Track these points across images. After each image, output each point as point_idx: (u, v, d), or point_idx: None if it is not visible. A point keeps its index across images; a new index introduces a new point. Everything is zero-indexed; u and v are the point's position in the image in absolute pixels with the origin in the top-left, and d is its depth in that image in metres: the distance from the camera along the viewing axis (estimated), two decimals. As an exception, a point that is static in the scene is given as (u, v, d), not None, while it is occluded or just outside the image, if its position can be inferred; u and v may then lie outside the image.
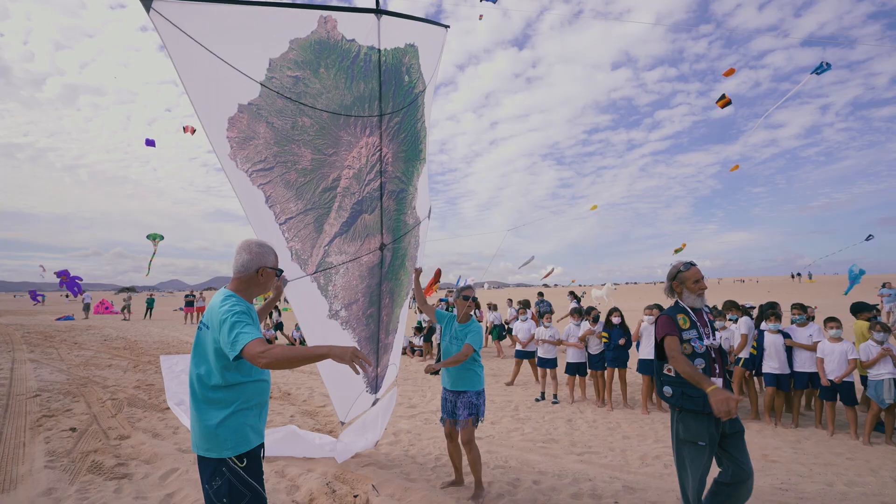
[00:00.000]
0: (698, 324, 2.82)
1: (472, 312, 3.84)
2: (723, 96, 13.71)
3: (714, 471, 2.80)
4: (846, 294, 14.64)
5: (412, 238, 4.32)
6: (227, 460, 1.97)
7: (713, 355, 2.79)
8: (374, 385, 4.38)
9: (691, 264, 2.93)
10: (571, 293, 12.15)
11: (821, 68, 12.67)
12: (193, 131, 19.25)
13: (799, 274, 55.33)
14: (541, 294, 12.23)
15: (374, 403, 4.44)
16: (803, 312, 5.70)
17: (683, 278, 2.91)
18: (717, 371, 2.78)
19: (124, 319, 23.27)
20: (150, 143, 19.00)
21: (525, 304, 9.86)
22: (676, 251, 26.61)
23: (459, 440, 3.59)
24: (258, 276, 2.12)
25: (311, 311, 3.54)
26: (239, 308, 1.94)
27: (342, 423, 4.16)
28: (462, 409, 3.57)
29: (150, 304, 25.77)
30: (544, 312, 7.65)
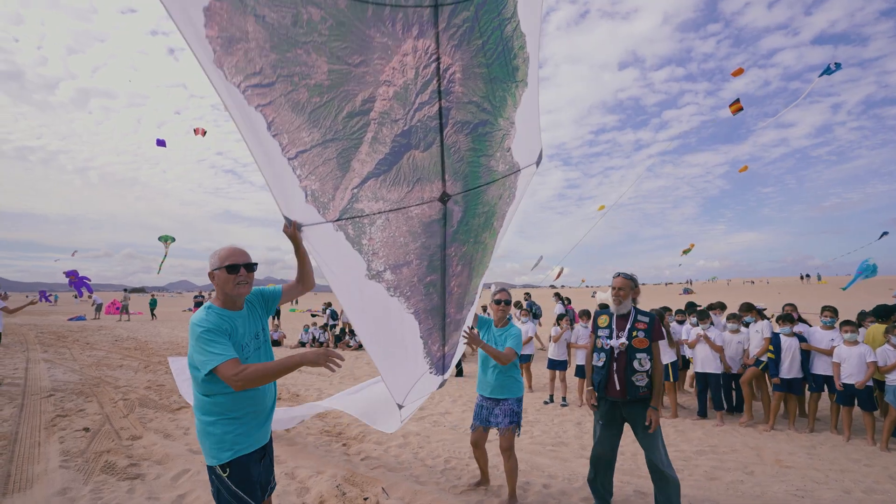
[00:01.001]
0: (614, 326, 3.35)
1: (508, 316, 3.76)
2: (736, 100, 13.59)
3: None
4: (845, 289, 14.18)
5: (505, 190, 3.25)
6: (214, 468, 1.98)
7: (615, 354, 3.27)
8: (441, 366, 3.68)
9: (617, 275, 3.39)
10: (557, 294, 12.03)
11: (829, 70, 12.46)
12: (204, 133, 19.42)
13: (808, 275, 54.72)
14: (528, 295, 12.12)
15: (440, 385, 3.86)
16: (835, 316, 5.57)
17: (611, 288, 3.43)
18: (615, 367, 3.25)
19: (119, 320, 23.44)
20: (160, 143, 19.24)
21: (516, 305, 9.82)
22: (685, 252, 26.34)
23: (499, 447, 3.51)
24: (214, 280, 2.11)
25: (339, 265, 2.65)
26: (207, 324, 1.93)
27: (399, 407, 3.41)
28: (502, 416, 3.51)
29: (152, 304, 25.99)
30: (538, 315, 7.59)
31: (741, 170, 23.35)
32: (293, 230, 2.29)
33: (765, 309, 7.29)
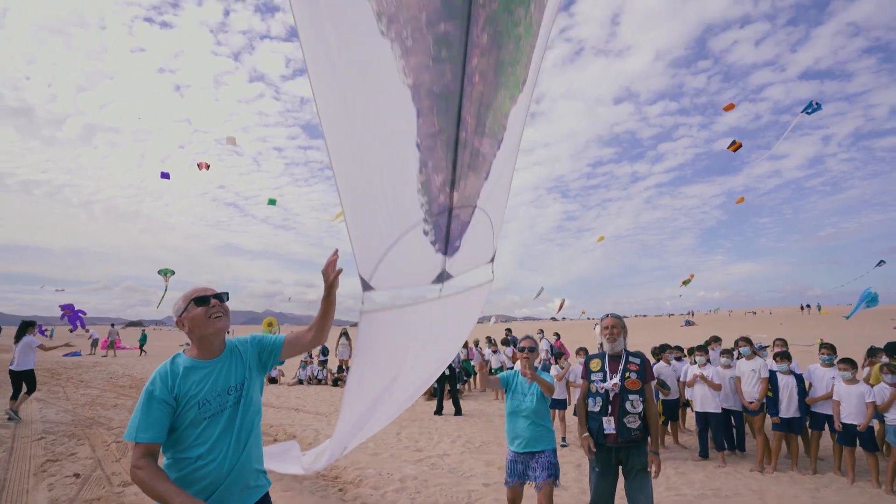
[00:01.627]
0: (608, 368, 3.37)
1: (536, 364, 3.57)
2: (733, 142, 14.40)
3: None
4: (848, 318, 14.18)
5: None
6: None
7: (610, 396, 3.28)
8: (444, 236, 2.17)
9: (607, 316, 3.49)
10: (541, 331, 12.05)
11: (811, 107, 12.97)
12: (208, 167, 19.81)
13: (808, 305, 54.33)
14: (508, 330, 12.24)
15: (438, 280, 2.26)
16: (833, 353, 5.56)
17: (601, 328, 3.49)
18: (611, 410, 3.25)
19: (105, 355, 22.98)
20: (164, 175, 19.60)
21: (503, 341, 9.90)
22: (684, 283, 26.36)
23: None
24: (185, 328, 1.88)
25: None
26: (151, 386, 1.74)
27: (365, 286, 1.88)
28: (540, 469, 3.33)
29: (142, 340, 25.42)
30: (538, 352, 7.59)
31: (738, 201, 23.69)
32: (334, 277, 1.94)
33: (766, 347, 7.28)
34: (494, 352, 11.44)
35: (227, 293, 1.97)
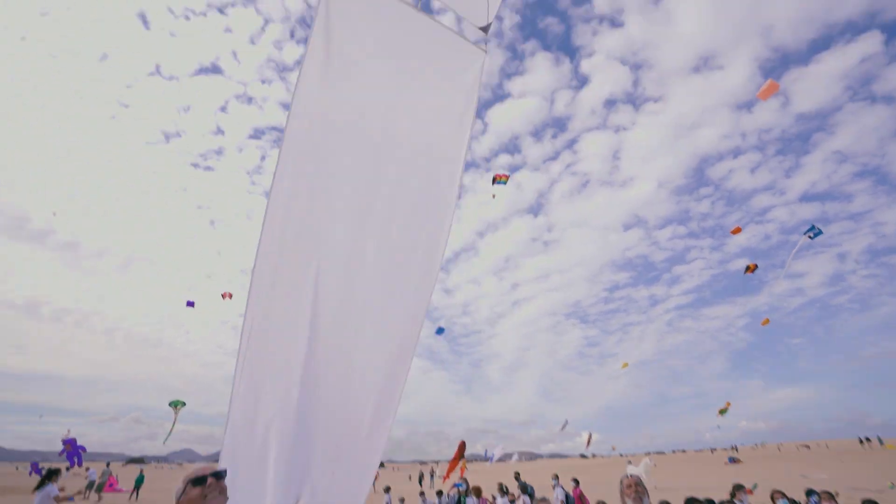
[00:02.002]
0: None
1: None
2: (748, 266, 15.37)
3: None
4: None
5: None
6: None
7: None
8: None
9: (626, 476, 3.32)
10: (555, 476, 11.26)
11: (812, 230, 13.71)
12: (231, 296, 20.77)
13: (868, 438, 48.11)
14: (517, 474, 11.71)
15: None
16: None
17: (621, 490, 3.28)
18: None
19: (98, 500, 19.79)
20: (190, 304, 20.56)
21: (521, 488, 9.40)
22: (721, 412, 24.43)
23: None
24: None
25: None
26: None
27: None
28: None
29: (138, 482, 22.08)
30: (532, 495, 7.10)
31: (763, 322, 23.04)
32: None
33: (819, 499, 6.59)
34: (512, 502, 10.43)
35: (226, 471, 1.98)
